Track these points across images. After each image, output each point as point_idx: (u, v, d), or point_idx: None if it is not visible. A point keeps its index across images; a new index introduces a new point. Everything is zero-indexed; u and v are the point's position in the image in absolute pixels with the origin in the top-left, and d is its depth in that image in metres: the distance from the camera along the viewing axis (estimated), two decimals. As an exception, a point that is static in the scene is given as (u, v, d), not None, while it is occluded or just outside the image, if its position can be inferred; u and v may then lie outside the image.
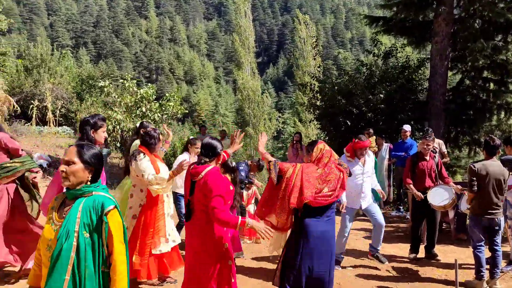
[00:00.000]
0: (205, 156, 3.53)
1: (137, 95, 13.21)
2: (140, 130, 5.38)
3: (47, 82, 18.87)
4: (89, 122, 3.90)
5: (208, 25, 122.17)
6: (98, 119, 3.96)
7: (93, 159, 2.44)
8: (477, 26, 10.95)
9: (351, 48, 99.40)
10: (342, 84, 11.93)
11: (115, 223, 2.37)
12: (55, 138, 15.85)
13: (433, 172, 6.20)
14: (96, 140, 3.91)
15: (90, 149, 2.46)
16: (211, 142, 3.59)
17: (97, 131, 3.93)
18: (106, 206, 2.36)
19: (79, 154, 2.40)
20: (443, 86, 10.80)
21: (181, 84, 78.98)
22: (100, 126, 3.94)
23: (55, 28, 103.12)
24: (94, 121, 3.92)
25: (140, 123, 5.65)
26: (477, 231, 5.03)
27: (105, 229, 2.34)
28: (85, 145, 2.48)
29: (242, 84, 39.70)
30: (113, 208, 2.37)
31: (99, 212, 2.34)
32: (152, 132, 4.70)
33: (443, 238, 6.99)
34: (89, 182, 2.43)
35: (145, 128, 5.32)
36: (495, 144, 5.04)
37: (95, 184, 2.44)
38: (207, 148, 3.56)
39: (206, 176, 3.38)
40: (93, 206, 2.35)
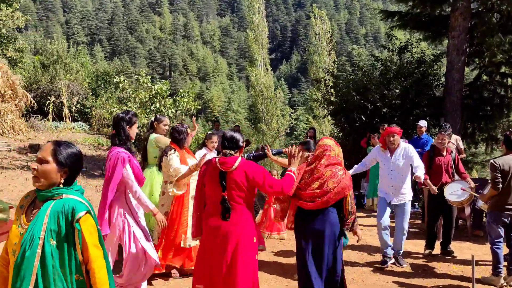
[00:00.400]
0: (229, 149, 3.51)
1: (151, 91, 13.31)
2: (154, 123, 5.43)
3: (63, 78, 19.13)
4: (124, 118, 3.87)
5: (221, 21, 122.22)
6: (132, 115, 3.95)
7: (68, 159, 2.22)
8: (495, 21, 10.76)
9: (365, 44, 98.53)
10: (356, 79, 11.84)
11: (88, 228, 2.16)
12: (71, 133, 16.07)
13: (450, 168, 6.14)
14: (131, 136, 3.90)
15: (68, 148, 2.25)
16: (234, 135, 3.58)
17: (131, 127, 3.91)
18: (78, 212, 2.14)
19: (53, 153, 2.19)
20: (460, 82, 10.63)
21: (194, 81, 79.31)
22: (134, 122, 3.93)
23: (70, 25, 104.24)
24: (129, 117, 3.90)
25: (154, 117, 5.68)
26: (495, 227, 4.97)
27: (78, 236, 2.13)
28: (63, 143, 2.27)
29: (255, 80, 39.72)
30: (85, 213, 2.15)
31: (69, 218, 2.13)
32: (180, 127, 4.76)
33: (459, 235, 6.92)
34: (62, 185, 2.22)
35: (159, 120, 5.37)
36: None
37: (68, 186, 2.23)
38: (231, 141, 3.54)
39: (243, 166, 3.39)
40: (62, 211, 2.14)
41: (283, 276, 5.06)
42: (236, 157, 3.46)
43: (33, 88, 18.33)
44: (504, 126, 11.21)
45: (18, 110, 13.72)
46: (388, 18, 12.35)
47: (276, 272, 5.18)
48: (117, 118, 3.92)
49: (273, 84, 42.18)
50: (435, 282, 5.02)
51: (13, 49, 18.79)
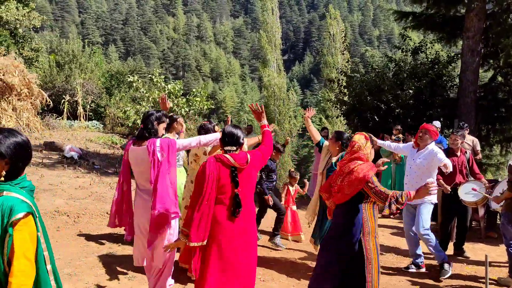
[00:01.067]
0: (230, 145, 3.38)
1: (164, 90, 13.42)
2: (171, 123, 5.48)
3: (78, 78, 19.37)
4: (154, 114, 3.93)
5: (234, 22, 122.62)
6: (162, 114, 3.99)
7: (9, 149, 1.97)
8: (510, 21, 10.65)
9: (379, 46, 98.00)
10: (370, 79, 11.80)
11: (23, 235, 1.87)
12: (85, 132, 16.26)
13: (464, 168, 6.09)
14: (159, 133, 3.93)
15: (9, 137, 1.99)
16: (235, 131, 3.43)
17: (159, 125, 3.93)
18: (15, 214, 1.86)
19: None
20: (474, 83, 10.53)
21: (207, 81, 79.63)
22: (163, 121, 3.96)
23: (85, 26, 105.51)
24: (159, 115, 3.95)
25: (169, 116, 5.70)
26: (510, 229, 4.92)
27: (8, 242, 1.84)
28: (4, 131, 2.02)
29: (267, 81, 39.72)
30: (23, 216, 1.88)
31: (5, 220, 1.86)
32: (207, 125, 4.88)
33: (472, 236, 6.86)
34: (4, 179, 1.98)
35: (174, 120, 5.41)
36: None
37: (12, 182, 1.99)
38: (232, 137, 3.40)
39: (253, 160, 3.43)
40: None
41: (295, 274, 5.08)
42: (244, 152, 3.41)
43: (48, 87, 18.58)
44: (519, 128, 11.08)
45: (33, 108, 13.91)
46: (402, 18, 12.29)
47: (287, 270, 5.19)
48: (147, 113, 3.95)
49: (286, 85, 42.12)
50: (448, 282, 4.99)
51: (29, 49, 19.09)
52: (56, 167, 9.85)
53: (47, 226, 6.35)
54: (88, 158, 11.41)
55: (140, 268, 4.76)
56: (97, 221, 6.85)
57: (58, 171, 9.50)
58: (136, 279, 4.64)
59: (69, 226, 6.53)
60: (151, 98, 13.41)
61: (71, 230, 6.38)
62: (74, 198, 7.79)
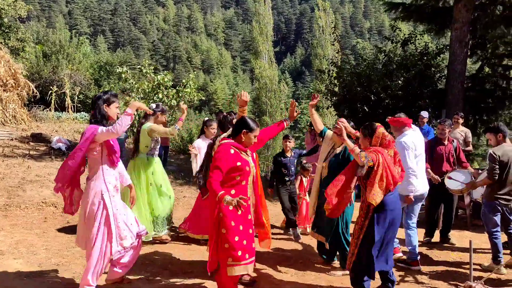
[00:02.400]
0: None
1: (154, 81, 13.31)
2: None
3: (66, 68, 19.16)
4: (101, 97, 3.84)
5: (225, 13, 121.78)
6: (110, 94, 3.88)
7: None
8: (498, 13, 10.74)
9: (370, 38, 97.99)
10: (360, 70, 11.83)
11: None
12: (73, 123, 16.11)
13: (451, 157, 6.16)
14: (109, 115, 3.85)
15: None
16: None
17: (109, 106, 3.84)
18: None
19: None
20: (462, 74, 10.61)
21: (198, 73, 79.21)
22: (112, 101, 3.86)
23: (73, 16, 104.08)
24: (107, 97, 3.85)
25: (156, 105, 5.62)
26: (491, 217, 5.00)
27: None
28: None
29: (259, 73, 39.68)
30: None
31: None
32: (229, 117, 4.89)
33: (458, 224, 6.97)
34: None
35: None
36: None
37: None
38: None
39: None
40: None
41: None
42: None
43: (35, 78, 18.37)
44: (506, 118, 11.20)
45: (20, 100, 13.74)
46: (391, 9, 12.31)
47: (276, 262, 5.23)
48: (94, 97, 3.88)
49: (277, 77, 42.08)
50: (434, 269, 5.06)
51: (15, 39, 18.82)
52: (43, 158, 9.76)
53: (34, 217, 6.33)
54: (77, 149, 11.31)
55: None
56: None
57: (46, 163, 9.42)
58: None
59: (57, 217, 6.50)
60: (140, 90, 13.29)
61: (59, 221, 6.35)
62: (61, 189, 7.74)
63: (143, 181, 5.34)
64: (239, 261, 3.69)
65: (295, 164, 6.37)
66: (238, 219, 3.72)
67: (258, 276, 4.57)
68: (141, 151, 5.39)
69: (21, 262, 4.60)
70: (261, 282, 4.42)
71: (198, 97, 14.19)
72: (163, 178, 5.56)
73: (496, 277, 4.73)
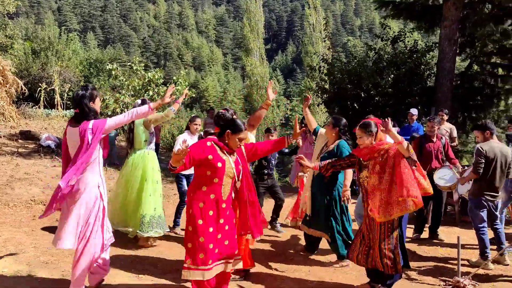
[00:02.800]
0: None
1: (144, 78, 13.26)
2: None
3: (55, 65, 18.98)
4: (85, 95, 3.73)
5: (216, 11, 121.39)
6: (91, 89, 3.81)
7: None
8: (486, 11, 10.83)
9: (360, 35, 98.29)
10: (350, 67, 11.87)
11: None
12: (62, 120, 15.97)
13: (440, 154, 6.22)
14: (97, 110, 3.81)
15: None
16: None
17: (94, 102, 3.78)
18: None
19: None
20: (451, 71, 10.70)
21: (189, 70, 78.87)
22: (96, 96, 3.80)
23: (62, 13, 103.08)
24: (90, 93, 3.76)
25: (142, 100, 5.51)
26: (478, 213, 5.06)
27: None
28: None
29: (250, 70, 39.66)
30: None
31: None
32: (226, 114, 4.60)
33: (447, 220, 7.04)
34: None
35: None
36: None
37: None
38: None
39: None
40: None
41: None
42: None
43: (24, 74, 18.18)
44: (494, 115, 11.33)
45: (8, 97, 13.59)
46: (382, 7, 12.37)
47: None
48: (77, 96, 3.75)
49: (269, 74, 42.10)
50: (423, 264, 5.11)
51: (3, 35, 18.60)
52: (32, 156, 9.69)
53: (23, 215, 6.27)
54: (66, 146, 11.22)
55: (115, 256, 4.76)
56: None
57: (35, 160, 9.34)
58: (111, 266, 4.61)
59: (46, 215, 6.44)
60: (130, 87, 13.22)
61: (48, 218, 6.26)
62: (51, 187, 7.68)
63: (137, 177, 5.19)
64: (197, 265, 3.49)
65: (276, 157, 6.39)
66: (209, 220, 3.53)
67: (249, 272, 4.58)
68: (140, 147, 5.28)
69: (10, 260, 4.56)
70: (251, 278, 4.43)
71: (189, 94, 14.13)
72: (159, 174, 5.43)
73: (484, 273, 4.79)
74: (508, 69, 11.24)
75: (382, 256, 3.88)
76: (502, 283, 4.57)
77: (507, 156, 5.06)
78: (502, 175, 5.07)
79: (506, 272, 4.87)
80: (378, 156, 3.92)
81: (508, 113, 11.02)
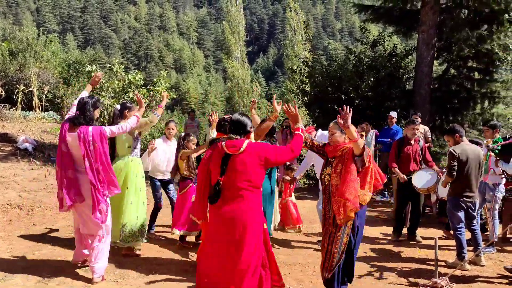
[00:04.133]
0: (235, 134, 3.40)
1: (125, 80, 13.11)
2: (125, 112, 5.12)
3: (33, 67, 18.59)
4: (89, 102, 4.27)
5: (198, 13, 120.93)
6: (96, 100, 4.38)
7: None
8: (463, 16, 11.08)
9: (341, 39, 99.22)
10: (331, 70, 11.98)
11: None
12: (40, 123, 15.67)
13: (418, 156, 6.33)
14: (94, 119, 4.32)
15: None
16: (241, 118, 3.48)
17: (95, 111, 4.35)
18: None
19: None
20: (429, 75, 10.90)
21: (170, 72, 78.32)
22: (97, 107, 4.36)
23: (41, 13, 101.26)
24: (94, 101, 4.35)
25: (121, 104, 5.35)
26: (456, 213, 5.16)
27: None
28: None
29: (231, 72, 39.66)
30: None
31: None
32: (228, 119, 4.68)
33: (425, 222, 7.15)
34: None
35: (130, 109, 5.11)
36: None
37: None
38: (237, 125, 3.44)
39: (253, 148, 3.31)
40: None
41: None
42: (243, 139, 3.37)
43: (1, 76, 17.78)
44: (470, 118, 11.57)
45: (-15, 99, 13.29)
46: (361, 11, 12.55)
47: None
48: (82, 100, 4.28)
49: (250, 76, 42.16)
50: (401, 265, 5.18)
51: (-20, 36, 18.17)
52: (9, 159, 9.48)
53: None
54: (44, 149, 11.03)
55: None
56: (52, 214, 6.67)
57: (11, 163, 9.15)
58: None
59: (22, 219, 6.33)
60: (110, 89, 13.05)
61: (25, 223, 6.19)
62: (28, 191, 7.55)
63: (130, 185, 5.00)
64: None
65: None
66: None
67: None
68: (123, 153, 5.07)
69: (-16, 266, 4.46)
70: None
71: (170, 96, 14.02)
72: (143, 181, 5.20)
73: (461, 274, 4.87)
74: (483, 73, 11.51)
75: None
76: (478, 283, 4.66)
77: (479, 156, 5.20)
78: (477, 175, 5.19)
79: (482, 273, 4.97)
80: (341, 155, 3.89)
81: (484, 116, 11.27)
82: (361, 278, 4.72)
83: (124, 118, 5.09)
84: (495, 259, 5.47)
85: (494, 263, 5.34)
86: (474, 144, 5.46)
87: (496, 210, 5.94)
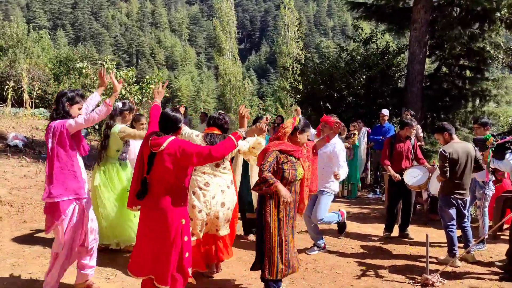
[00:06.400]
0: (163, 130, 3.33)
1: (116, 77, 13.02)
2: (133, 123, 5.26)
3: (23, 63, 18.43)
4: (66, 94, 3.78)
5: (190, 9, 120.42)
6: (76, 94, 3.82)
7: None
8: (455, 14, 11.15)
9: (333, 36, 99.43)
10: (323, 68, 12.01)
11: None
12: (31, 120, 15.53)
13: (409, 154, 6.36)
14: (71, 114, 3.76)
15: None
16: (170, 114, 3.35)
17: (72, 106, 3.78)
18: None
19: None
20: (421, 73, 10.96)
21: (162, 69, 77.96)
22: (77, 102, 3.79)
23: (31, 9, 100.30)
24: (72, 95, 3.79)
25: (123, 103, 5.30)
26: (447, 210, 5.19)
27: None
28: None
29: (223, 70, 39.64)
30: None
31: None
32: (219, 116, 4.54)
33: (416, 219, 7.19)
34: None
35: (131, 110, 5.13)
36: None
37: None
38: (165, 121, 3.35)
39: (173, 146, 3.22)
40: None
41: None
42: (167, 137, 3.27)
43: (-10, 72, 17.61)
44: (462, 116, 11.65)
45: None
46: (353, 9, 12.55)
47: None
48: (59, 93, 3.83)
49: (242, 73, 42.13)
50: (392, 262, 5.21)
51: (-31, 32, 17.97)
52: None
53: (-12, 217, 6.08)
54: (34, 146, 10.93)
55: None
56: (42, 211, 6.59)
57: (1, 160, 9.06)
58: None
59: (13, 216, 6.26)
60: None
61: (15, 220, 6.12)
62: (18, 188, 7.48)
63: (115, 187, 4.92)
64: None
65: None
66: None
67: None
68: (112, 156, 4.95)
69: (-26, 264, 4.41)
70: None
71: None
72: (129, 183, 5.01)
73: (451, 270, 4.91)
74: (475, 71, 11.59)
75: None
76: (469, 280, 4.70)
77: (470, 153, 5.20)
78: (469, 173, 5.21)
79: (473, 270, 5.01)
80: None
81: (475, 114, 11.36)
82: (352, 274, 4.74)
83: (124, 118, 5.08)
84: (486, 256, 5.52)
85: (484, 259, 5.39)
86: (464, 141, 5.49)
87: (486, 207, 5.98)
